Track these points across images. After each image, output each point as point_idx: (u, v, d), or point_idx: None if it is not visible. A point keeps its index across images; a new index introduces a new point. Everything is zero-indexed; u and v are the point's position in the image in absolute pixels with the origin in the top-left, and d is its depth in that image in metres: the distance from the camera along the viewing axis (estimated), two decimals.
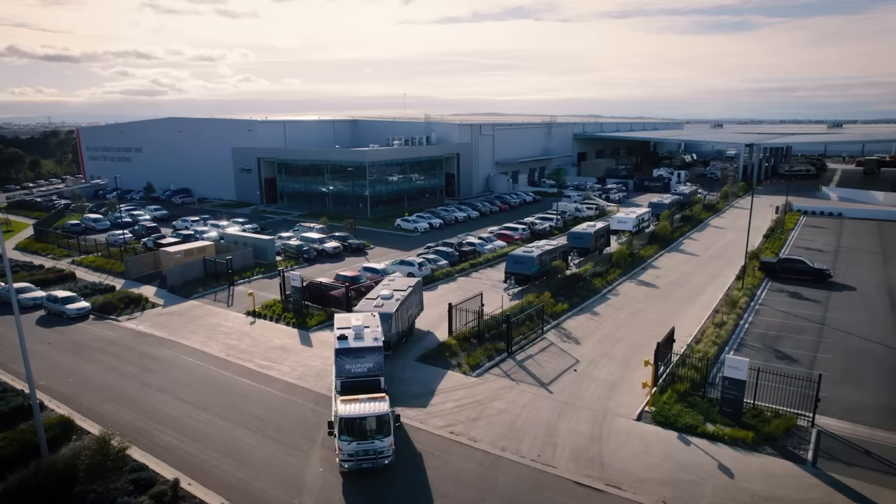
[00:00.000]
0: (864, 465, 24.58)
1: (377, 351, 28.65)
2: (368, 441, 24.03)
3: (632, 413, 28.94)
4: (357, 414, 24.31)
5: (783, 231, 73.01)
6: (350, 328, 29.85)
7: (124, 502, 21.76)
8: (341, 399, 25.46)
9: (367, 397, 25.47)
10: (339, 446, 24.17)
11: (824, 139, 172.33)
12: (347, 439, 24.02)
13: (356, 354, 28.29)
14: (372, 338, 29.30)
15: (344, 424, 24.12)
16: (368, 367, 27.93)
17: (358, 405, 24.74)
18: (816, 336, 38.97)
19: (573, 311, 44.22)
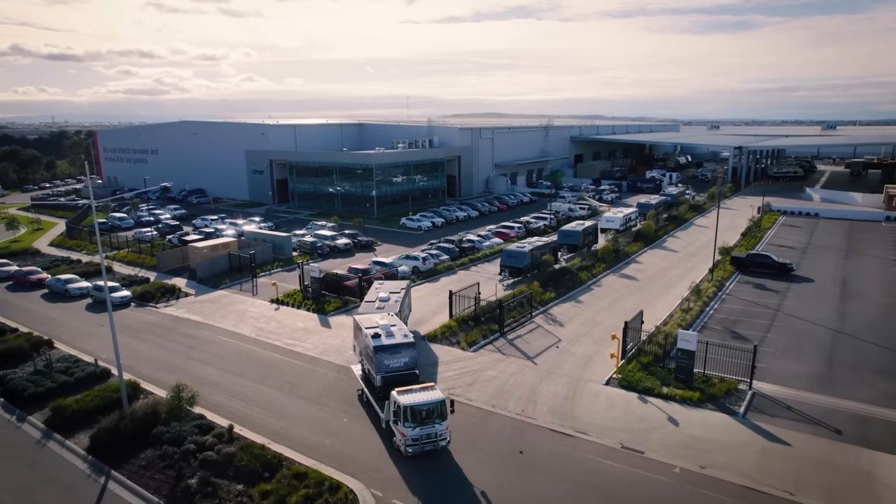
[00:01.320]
0: (783, 417, 30.32)
1: (411, 346, 31.12)
2: (429, 426, 26.98)
3: (601, 379, 34.73)
4: (419, 402, 27.04)
5: (760, 230, 78.70)
6: (378, 327, 31.94)
7: (193, 440, 27.51)
8: (397, 390, 28.03)
9: (420, 387, 28.30)
10: (403, 432, 26.82)
11: (815, 142, 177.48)
12: (411, 426, 26.75)
13: (393, 350, 30.52)
14: (402, 334, 31.65)
15: (409, 413, 26.75)
16: (405, 362, 30.55)
17: (416, 394, 27.54)
18: (770, 320, 44.71)
19: (559, 299, 50.01)
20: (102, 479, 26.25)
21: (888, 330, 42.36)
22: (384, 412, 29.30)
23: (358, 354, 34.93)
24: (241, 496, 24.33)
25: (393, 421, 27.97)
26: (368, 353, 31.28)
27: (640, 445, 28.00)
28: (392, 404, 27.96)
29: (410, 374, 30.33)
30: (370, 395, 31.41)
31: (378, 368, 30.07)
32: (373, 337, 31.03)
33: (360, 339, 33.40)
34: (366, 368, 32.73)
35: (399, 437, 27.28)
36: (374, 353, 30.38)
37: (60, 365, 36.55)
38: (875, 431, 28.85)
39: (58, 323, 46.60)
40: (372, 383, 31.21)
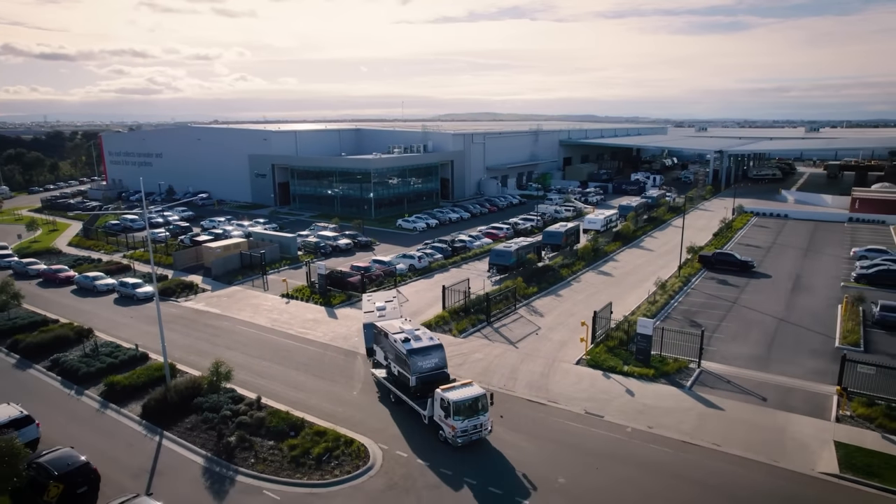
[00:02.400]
0: (722, 389, 36.15)
1: (440, 348, 33.73)
2: (475, 418, 30.02)
3: (573, 360, 40.50)
4: (465, 397, 29.94)
5: (731, 230, 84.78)
6: (404, 332, 34.46)
7: (228, 408, 33.05)
8: (442, 388, 30.80)
9: (461, 384, 31.19)
10: (454, 425, 29.62)
11: (796, 145, 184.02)
12: (460, 419, 29.64)
13: (424, 353, 32.94)
14: (428, 337, 34.25)
15: (457, 407, 29.62)
16: (435, 363, 33.08)
17: (461, 391, 30.35)
18: (726, 311, 50.64)
19: (541, 293, 55.80)
20: (157, 438, 31.81)
21: (825, 318, 48.37)
22: (427, 409, 31.83)
23: (383, 359, 36.63)
24: (272, 449, 29.95)
25: (442, 416, 30.52)
26: (401, 356, 33.28)
27: (600, 411, 33.75)
28: (439, 401, 30.64)
29: (442, 374, 33.02)
30: (402, 395, 33.88)
31: (413, 370, 32.38)
32: (403, 341, 33.34)
33: (387, 345, 35.39)
34: (395, 371, 34.71)
35: (449, 430, 30.05)
36: (408, 356, 32.57)
37: (105, 349, 42.04)
38: (793, 398, 34.74)
39: (92, 315, 51.94)
40: (404, 384, 33.57)
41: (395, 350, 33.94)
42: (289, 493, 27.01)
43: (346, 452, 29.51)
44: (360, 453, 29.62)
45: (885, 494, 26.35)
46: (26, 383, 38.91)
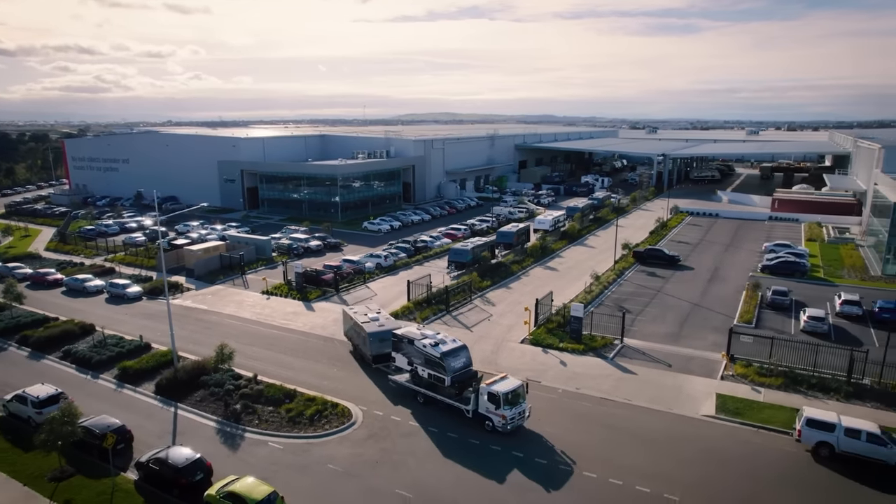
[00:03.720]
0: (638, 359, 44.38)
1: (465, 348, 37.79)
2: (518, 406, 34.31)
3: (518, 339, 48.22)
4: (510, 389, 33.88)
5: (666, 228, 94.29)
6: (430, 337, 38.28)
7: (231, 383, 39.50)
8: (486, 382, 34.70)
9: (500, 377, 35.49)
10: (504, 414, 33.56)
11: (736, 149, 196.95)
12: (508, 408, 33.70)
13: (455, 354, 36.73)
14: (451, 339, 38.19)
15: (505, 398, 33.55)
16: (464, 362, 36.85)
17: (503, 383, 34.42)
18: (651, 298, 59.25)
19: (494, 286, 63.49)
20: (172, 409, 38.08)
21: (731, 302, 57.43)
22: (470, 404, 35.36)
23: (406, 365, 39.53)
24: (272, 413, 36.64)
25: (492, 408, 34.09)
26: (432, 360, 36.70)
27: (538, 378, 41.43)
28: (486, 395, 34.29)
29: (471, 371, 37.11)
30: (435, 395, 37.21)
31: (447, 371, 36.00)
32: (433, 346, 37.13)
33: (412, 350, 38.53)
34: (424, 374, 37.86)
35: (499, 419, 33.85)
36: (442, 358, 36.15)
37: (111, 341, 47.77)
38: (692, 364, 43.21)
39: (88, 313, 57.13)
40: (433, 385, 37.35)
41: (425, 354, 37.24)
42: (289, 444, 33.83)
43: (333, 413, 36.45)
44: (344, 413, 36.59)
45: (743, 426, 34.83)
46: (43, 371, 44.34)
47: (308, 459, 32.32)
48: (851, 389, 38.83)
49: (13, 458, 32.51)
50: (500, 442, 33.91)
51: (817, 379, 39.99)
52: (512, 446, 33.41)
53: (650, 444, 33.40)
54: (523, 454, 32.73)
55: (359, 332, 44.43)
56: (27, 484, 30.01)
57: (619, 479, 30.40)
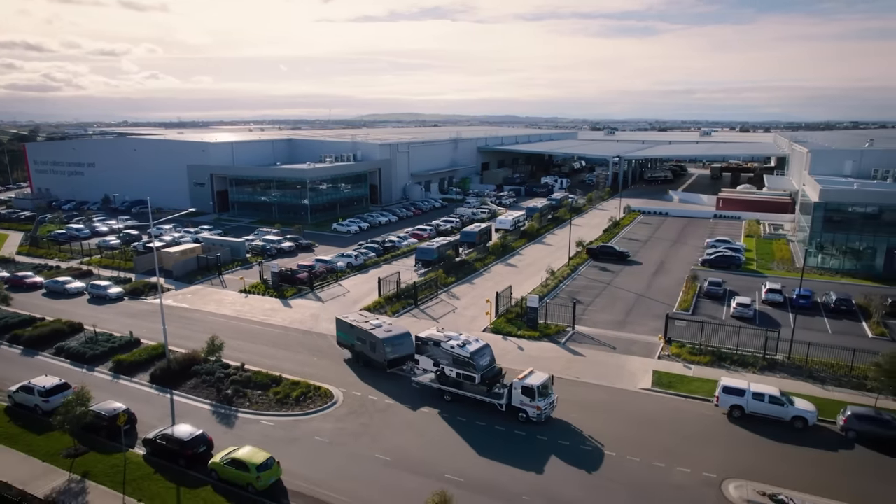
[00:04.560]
0: (587, 343, 49.91)
1: (489, 347, 40.83)
2: (549, 396, 37.67)
3: (480, 329, 53.28)
4: (541, 382, 37.09)
5: (618, 227, 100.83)
6: (455, 338, 40.80)
7: (221, 372, 43.45)
8: (518, 377, 37.74)
9: (528, 372, 38.53)
10: (539, 405, 36.54)
11: (688, 150, 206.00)
12: (542, 399, 36.86)
13: (482, 353, 39.77)
14: (474, 339, 40.81)
15: (539, 391, 36.56)
16: (489, 360, 39.89)
17: (533, 377, 37.60)
18: (601, 290, 65.08)
19: (459, 282, 68.48)
20: (168, 395, 41.88)
21: (673, 293, 63.66)
22: (503, 398, 38.17)
23: (431, 366, 41.51)
24: (261, 396, 40.82)
25: (526, 401, 36.95)
26: (461, 360, 39.19)
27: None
28: (520, 389, 37.11)
29: (496, 368, 40.01)
30: (465, 393, 39.59)
31: (477, 369, 38.65)
32: (461, 347, 39.64)
33: (438, 352, 40.69)
34: (451, 373, 40.18)
35: (534, 410, 36.83)
36: (472, 357, 38.74)
37: (102, 337, 51.04)
38: (634, 347, 48.96)
39: (72, 313, 59.92)
40: (458, 383, 40.05)
41: (453, 355, 39.61)
42: (279, 421, 38.13)
43: (316, 394, 40.87)
44: (327, 394, 41.03)
45: (674, 397, 40.60)
46: (39, 366, 47.37)
47: (296, 433, 36.69)
48: (766, 363, 45.05)
49: (28, 440, 35.99)
50: (464, 413, 38.85)
51: (739, 356, 46.13)
52: (476, 416, 38.38)
53: (594, 412, 38.79)
54: (485, 423, 37.71)
55: (365, 340, 45.36)
56: (46, 460, 33.60)
57: (566, 440, 35.65)
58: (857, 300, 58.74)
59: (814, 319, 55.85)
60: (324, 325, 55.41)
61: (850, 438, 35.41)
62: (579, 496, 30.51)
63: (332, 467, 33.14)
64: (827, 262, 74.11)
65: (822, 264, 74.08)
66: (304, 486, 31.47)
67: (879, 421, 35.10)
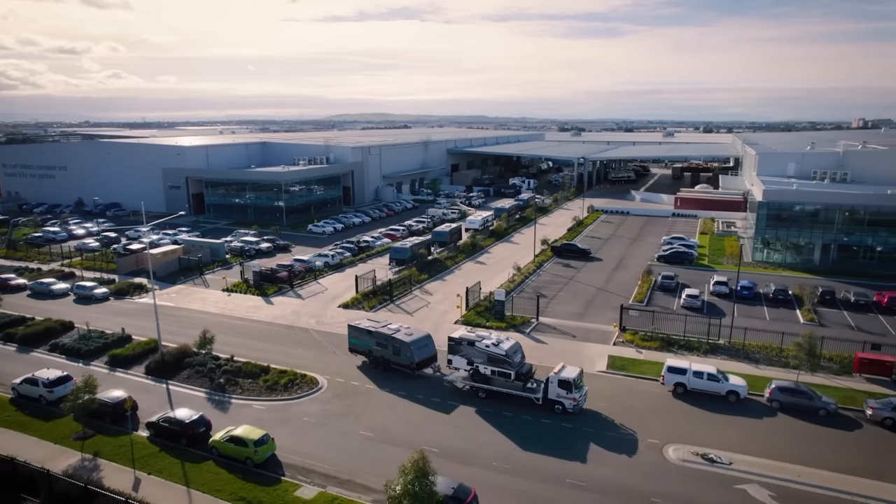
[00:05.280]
0: (549, 332, 54.56)
1: (519, 344, 44.17)
2: (582, 388, 40.16)
3: (452, 321, 57.54)
4: (576, 374, 39.74)
5: (582, 225, 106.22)
6: (488, 338, 43.52)
7: (212, 363, 46.82)
8: (554, 371, 40.24)
9: (560, 366, 40.96)
10: (575, 397, 39.17)
11: (651, 151, 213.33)
12: (577, 391, 39.53)
13: (515, 350, 42.74)
14: (505, 338, 44.34)
15: (574, 383, 39.23)
16: (521, 357, 43.13)
17: (567, 371, 40.14)
18: (564, 285, 69.95)
19: (431, 279, 72.68)
20: (164, 385, 45.14)
21: (630, 286, 68.89)
22: (539, 392, 40.72)
23: (465, 365, 43.48)
24: (251, 383, 44.40)
25: (564, 393, 39.46)
26: (497, 358, 41.68)
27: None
28: (556, 382, 39.58)
29: (528, 364, 42.94)
30: (501, 389, 41.84)
31: (513, 366, 41.42)
32: (495, 345, 42.34)
33: (473, 352, 42.84)
34: (486, 371, 42.48)
35: (570, 402, 39.30)
36: (507, 355, 41.38)
37: (95, 334, 53.82)
38: (592, 335, 53.83)
39: (61, 313, 62.20)
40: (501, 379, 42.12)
41: (488, 354, 41.98)
42: (270, 405, 41.81)
43: (303, 381, 44.63)
44: (312, 381, 44.82)
45: (627, 377, 45.55)
46: (36, 362, 49.98)
47: (287, 415, 40.44)
48: (709, 347, 50.30)
49: (37, 426, 38.99)
50: (439, 394, 43.06)
51: (685, 341, 51.31)
52: (448, 396, 42.60)
53: None
54: (458, 402, 41.95)
55: (387, 344, 46.47)
56: (57, 443, 36.72)
57: (528, 416, 40.12)
58: (794, 290, 64.68)
59: (755, 308, 61.59)
60: (305, 320, 59.05)
61: (774, 408, 40.61)
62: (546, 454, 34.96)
63: (320, 443, 37.02)
64: (771, 256, 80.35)
65: (767, 259, 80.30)
66: (297, 458, 35.29)
67: (798, 392, 40.38)
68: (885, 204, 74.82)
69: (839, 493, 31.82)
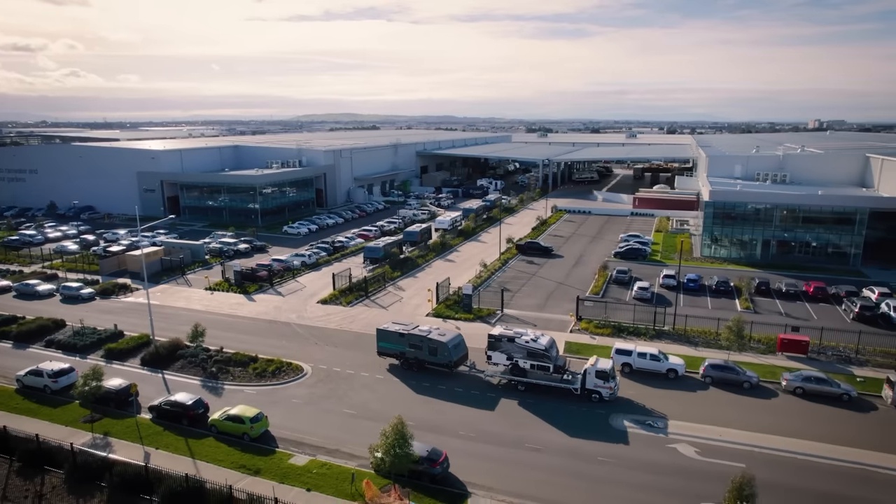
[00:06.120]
0: (513, 323, 59.81)
1: (554, 340, 47.51)
2: (615, 379, 43.89)
3: (424, 314, 62.42)
4: (611, 366, 43.51)
5: (545, 225, 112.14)
6: (526, 334, 46.41)
7: (203, 354, 50.80)
8: (590, 363, 43.74)
9: (595, 358, 44.52)
10: (611, 386, 42.77)
11: (614, 153, 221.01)
12: (613, 380, 43.64)
13: (552, 346, 45.64)
14: (539, 333, 47.33)
15: (611, 373, 42.96)
16: (557, 351, 46.84)
17: (602, 362, 43.55)
18: (527, 280, 75.44)
19: (403, 276, 77.46)
20: (159, 374, 49.01)
21: (587, 280, 74.74)
22: (577, 383, 44.03)
23: (504, 360, 46.30)
24: (242, 371, 48.58)
25: (600, 383, 42.95)
26: (537, 352, 44.95)
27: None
28: (594, 373, 43.12)
29: (562, 357, 46.59)
30: (540, 381, 44.94)
31: (551, 359, 45.00)
32: (534, 340, 45.62)
33: (513, 347, 45.87)
34: (525, 365, 45.54)
35: (607, 390, 42.83)
36: (546, 350, 44.87)
37: (88, 330, 57.19)
38: (551, 324, 59.31)
39: (51, 312, 65.01)
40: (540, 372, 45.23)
41: (528, 349, 45.17)
42: (260, 390, 46.12)
43: (289, 368, 49.02)
44: (298, 368, 49.24)
45: (581, 360, 50.94)
46: (33, 357, 53.09)
47: (276, 398, 44.81)
48: (655, 333, 56.18)
49: (46, 412, 42.61)
50: (414, 377, 47.87)
51: (634, 328, 57.10)
52: (423, 378, 47.46)
53: None
54: (429, 383, 46.88)
55: (422, 346, 48.47)
56: (68, 426, 40.48)
57: (492, 393, 45.24)
58: (734, 282, 71.28)
59: (699, 298, 67.93)
60: (286, 315, 63.21)
61: (707, 382, 46.56)
62: (498, 420, 40.11)
63: (308, 420, 41.55)
64: (718, 251, 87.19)
65: (714, 254, 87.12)
66: (288, 433, 39.77)
67: (727, 368, 46.40)
68: (816, 203, 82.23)
69: (752, 447, 37.72)
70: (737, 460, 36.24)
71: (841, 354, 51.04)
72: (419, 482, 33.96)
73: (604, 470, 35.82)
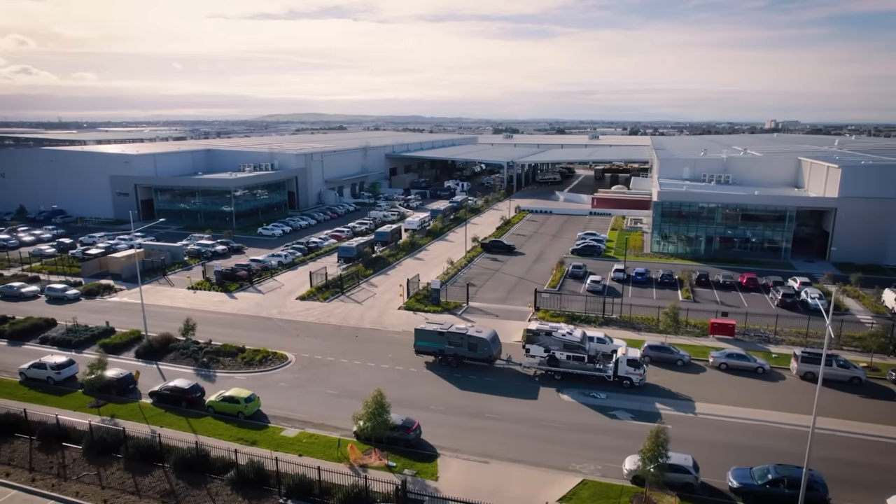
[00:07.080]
0: (477, 314, 65.65)
1: (586, 334, 51.60)
2: (644, 365, 48.22)
3: (396, 307, 67.85)
4: (640, 354, 48.30)
5: (509, 224, 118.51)
6: (561, 328, 50.50)
7: (194, 346, 55.30)
8: (621, 352, 48.22)
9: (626, 348, 49.50)
10: (640, 372, 47.04)
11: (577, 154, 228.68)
12: (643, 368, 48.06)
13: (585, 338, 50.48)
14: (571, 327, 51.56)
15: (641, 360, 47.54)
16: (590, 342, 51.58)
17: (631, 351, 48.29)
18: (491, 276, 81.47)
19: (376, 274, 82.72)
20: (154, 365, 53.37)
21: (546, 275, 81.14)
22: (608, 371, 48.04)
23: (542, 353, 49.84)
24: (231, 361, 53.31)
25: (631, 370, 47.21)
26: (573, 344, 48.82)
27: (410, 328, 61.17)
28: (626, 361, 47.39)
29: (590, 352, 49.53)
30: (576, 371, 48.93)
31: (588, 350, 49.26)
32: (569, 334, 49.83)
33: (550, 341, 49.52)
34: (561, 356, 49.19)
35: (638, 377, 47.21)
36: (581, 342, 49.13)
37: (80, 327, 60.98)
38: (512, 314, 65.39)
39: (38, 312, 68.35)
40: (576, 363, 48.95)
41: (564, 341, 49.13)
42: (250, 376, 50.97)
43: (275, 357, 53.97)
44: (283, 357, 54.22)
45: None
46: (30, 353, 56.71)
47: (264, 383, 49.74)
48: (604, 320, 62.68)
49: (53, 400, 46.75)
50: (388, 362, 53.28)
51: (586, 316, 63.50)
52: (419, 362, 52.88)
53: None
54: (403, 367, 52.36)
55: (461, 343, 51.46)
56: (76, 410, 44.75)
57: (458, 374, 50.98)
58: (678, 275, 78.49)
59: (646, 290, 74.87)
60: (267, 311, 67.89)
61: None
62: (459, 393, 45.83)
63: (295, 400, 46.66)
64: (667, 247, 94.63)
65: (663, 250, 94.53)
66: (278, 411, 44.82)
67: (662, 349, 53.09)
68: (752, 203, 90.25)
69: (681, 413, 44.24)
70: (666, 423, 42.66)
71: (762, 335, 58.30)
72: (395, 447, 39.44)
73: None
